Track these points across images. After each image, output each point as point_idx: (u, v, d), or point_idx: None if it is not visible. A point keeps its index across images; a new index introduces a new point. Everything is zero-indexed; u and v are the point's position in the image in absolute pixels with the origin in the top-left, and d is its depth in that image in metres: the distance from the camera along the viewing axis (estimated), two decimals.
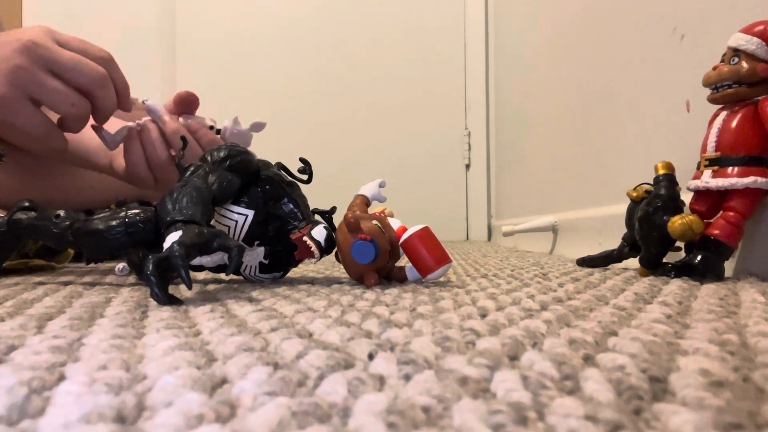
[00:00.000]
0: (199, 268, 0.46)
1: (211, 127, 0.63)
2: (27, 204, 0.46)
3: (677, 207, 0.49)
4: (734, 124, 0.46)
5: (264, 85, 2.02)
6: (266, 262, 0.47)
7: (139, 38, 2.02)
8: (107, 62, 0.55)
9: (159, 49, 2.04)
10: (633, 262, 0.55)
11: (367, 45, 2.01)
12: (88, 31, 1.99)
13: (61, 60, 0.51)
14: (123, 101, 0.57)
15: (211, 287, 0.45)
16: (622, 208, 0.57)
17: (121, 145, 0.62)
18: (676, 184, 0.50)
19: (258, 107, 2.01)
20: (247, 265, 0.47)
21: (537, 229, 1.06)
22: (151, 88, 2.00)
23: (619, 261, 0.58)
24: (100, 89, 0.53)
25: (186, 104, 0.62)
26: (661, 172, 0.50)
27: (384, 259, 0.44)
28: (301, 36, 2.03)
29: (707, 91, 0.49)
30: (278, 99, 2.01)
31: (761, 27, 0.45)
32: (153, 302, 0.35)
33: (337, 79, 2.02)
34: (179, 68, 2.03)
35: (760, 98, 0.45)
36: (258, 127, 0.63)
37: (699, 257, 0.46)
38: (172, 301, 0.34)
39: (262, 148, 0.71)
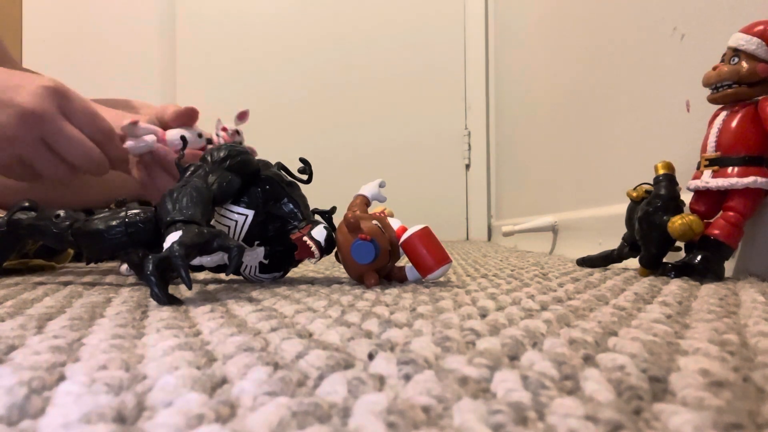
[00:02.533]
0: (199, 268, 0.46)
1: (209, 141, 0.65)
2: (27, 204, 0.46)
3: (677, 207, 0.49)
4: (734, 124, 0.46)
5: (264, 85, 2.02)
6: (266, 262, 0.47)
7: (139, 36, 2.02)
8: (105, 138, 0.58)
9: (159, 50, 2.04)
10: (633, 262, 0.55)
11: (367, 45, 2.01)
12: (87, 29, 2.00)
13: (57, 138, 0.55)
14: (119, 170, 0.63)
15: (211, 287, 0.45)
16: (622, 208, 0.57)
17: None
18: (676, 184, 0.50)
19: (257, 107, 2.01)
20: (247, 265, 0.47)
21: (537, 229, 1.06)
22: (150, 88, 2.00)
23: (619, 261, 0.57)
24: (91, 169, 0.57)
25: (187, 118, 0.65)
26: (661, 172, 0.50)
27: (384, 259, 0.44)
28: (302, 36, 2.03)
29: (707, 91, 0.49)
30: (278, 99, 2.02)
31: (761, 27, 0.45)
32: (153, 302, 0.35)
33: (337, 78, 2.02)
34: (179, 70, 2.03)
35: (760, 98, 0.45)
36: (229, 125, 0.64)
37: (699, 257, 0.46)
38: (172, 301, 0.34)
39: (262, 148, 0.71)
